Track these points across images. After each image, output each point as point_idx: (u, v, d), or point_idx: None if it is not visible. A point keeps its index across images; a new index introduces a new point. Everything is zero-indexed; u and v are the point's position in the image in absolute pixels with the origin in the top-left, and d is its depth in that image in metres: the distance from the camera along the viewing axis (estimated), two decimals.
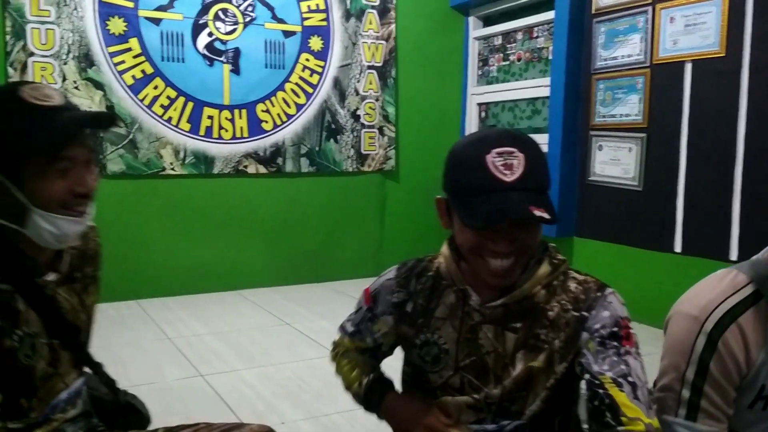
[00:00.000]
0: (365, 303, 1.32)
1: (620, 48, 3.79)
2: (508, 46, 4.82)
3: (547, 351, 1.12)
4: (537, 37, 4.58)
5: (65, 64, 3.80)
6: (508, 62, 4.82)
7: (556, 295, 1.14)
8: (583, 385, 1.08)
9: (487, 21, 5.04)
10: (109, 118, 1.17)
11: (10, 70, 3.68)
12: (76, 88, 3.82)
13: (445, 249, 1.23)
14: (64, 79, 3.79)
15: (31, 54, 3.71)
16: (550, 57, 4.29)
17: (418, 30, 4.89)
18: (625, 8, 3.74)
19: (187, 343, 3.28)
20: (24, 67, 3.70)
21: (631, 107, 3.74)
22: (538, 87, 4.47)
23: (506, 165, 1.05)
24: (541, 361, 1.12)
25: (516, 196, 1.04)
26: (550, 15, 4.27)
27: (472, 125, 5.05)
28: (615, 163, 3.85)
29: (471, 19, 5.04)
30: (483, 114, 5.02)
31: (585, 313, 1.11)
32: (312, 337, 3.40)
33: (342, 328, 1.39)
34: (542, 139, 4.10)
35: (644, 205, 3.68)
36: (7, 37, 3.67)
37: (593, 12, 3.93)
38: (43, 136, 1.06)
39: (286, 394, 2.64)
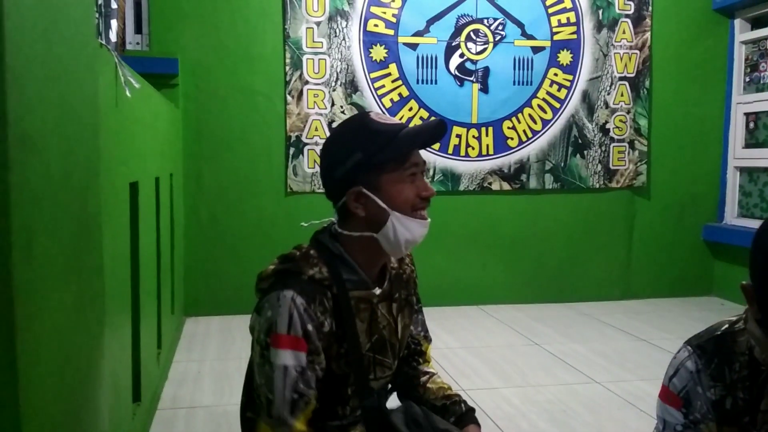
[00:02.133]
0: (674, 407, 1.13)
1: None
2: None
3: None
4: None
5: (334, 90, 4.17)
6: None
7: None
8: None
9: (756, 23, 4.54)
10: (444, 129, 1.32)
11: (289, 98, 4.14)
12: (343, 112, 4.17)
13: (755, 329, 1.09)
14: (333, 104, 4.16)
15: (306, 82, 4.14)
16: None
17: (676, 36, 4.57)
18: None
19: (442, 355, 3.39)
20: (300, 95, 4.13)
21: None
22: None
23: None
24: None
25: None
26: None
27: (737, 137, 4.58)
28: None
29: (737, 22, 4.58)
30: (752, 125, 4.52)
31: None
32: (566, 360, 3.32)
33: None
34: None
35: None
36: (287, 68, 4.13)
37: None
38: (397, 146, 1.24)
39: (551, 419, 2.60)
